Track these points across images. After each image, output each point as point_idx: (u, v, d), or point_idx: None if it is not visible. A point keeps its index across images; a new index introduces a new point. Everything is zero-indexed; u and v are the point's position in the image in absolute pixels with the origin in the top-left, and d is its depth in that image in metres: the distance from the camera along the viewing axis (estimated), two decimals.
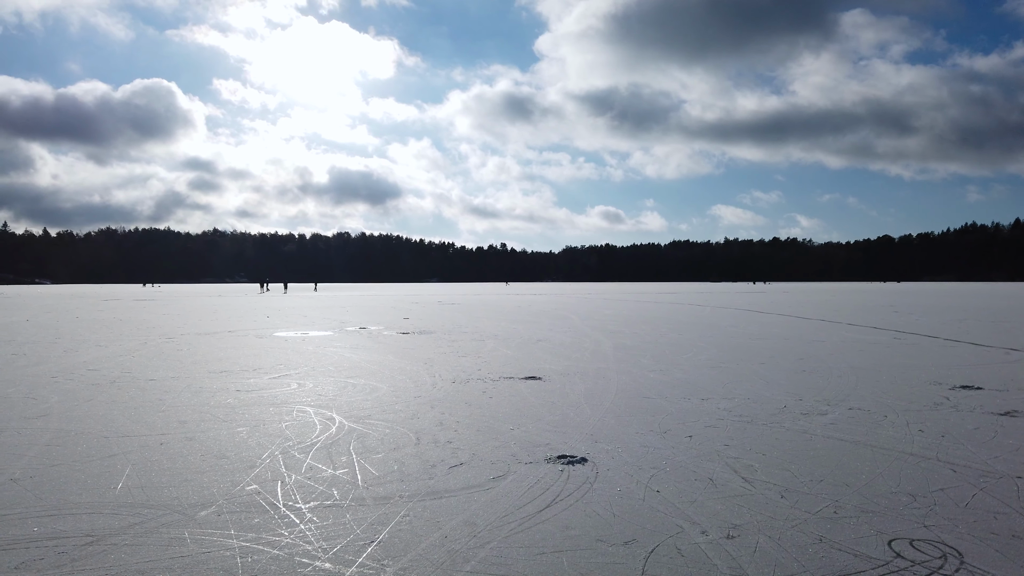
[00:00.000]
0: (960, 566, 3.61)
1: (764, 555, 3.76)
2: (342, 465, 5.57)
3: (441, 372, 11.08)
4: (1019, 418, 7.31)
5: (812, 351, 14.08)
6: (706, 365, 11.94)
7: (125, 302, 46.65)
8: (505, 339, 17.10)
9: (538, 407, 8.09)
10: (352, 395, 8.92)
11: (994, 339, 16.47)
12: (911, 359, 12.63)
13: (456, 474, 5.33)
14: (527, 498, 4.72)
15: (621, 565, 3.63)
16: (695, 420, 7.33)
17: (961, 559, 3.70)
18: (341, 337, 17.81)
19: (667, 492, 4.87)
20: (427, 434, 6.69)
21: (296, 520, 4.30)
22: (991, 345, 15.03)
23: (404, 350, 14.50)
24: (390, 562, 3.66)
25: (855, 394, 8.89)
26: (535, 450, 6.06)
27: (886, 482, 5.08)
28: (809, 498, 4.72)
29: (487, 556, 3.73)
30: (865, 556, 3.74)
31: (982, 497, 4.72)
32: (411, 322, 23.88)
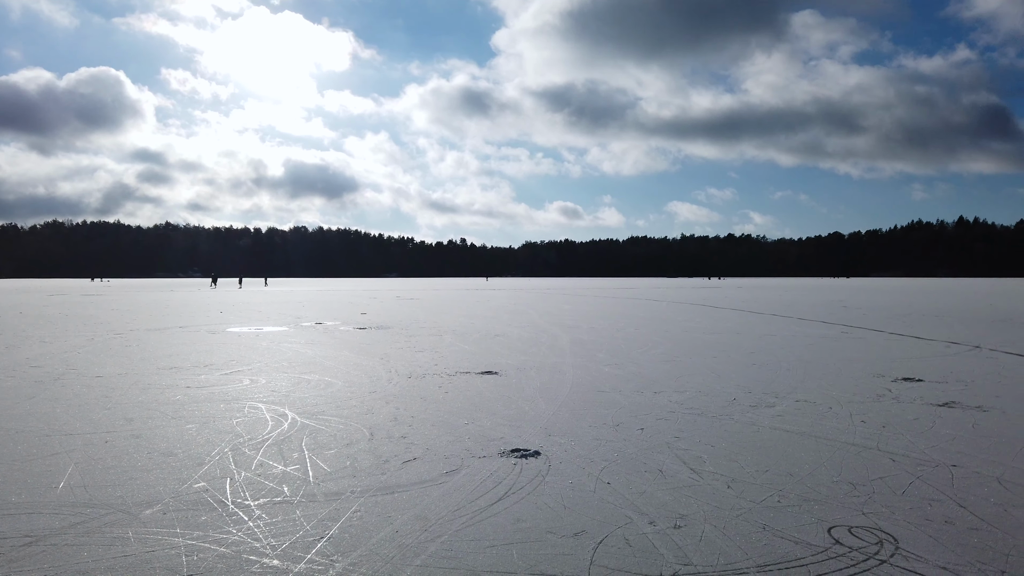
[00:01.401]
0: (895, 551, 3.75)
1: (709, 544, 3.84)
2: (293, 461, 5.51)
3: (397, 367, 11.03)
4: (956, 409, 7.59)
5: (763, 345, 14.39)
6: (660, 359, 12.11)
7: (72, 297, 45.29)
8: (463, 334, 17.09)
9: (493, 402, 8.12)
10: (306, 391, 8.83)
11: (936, 333, 17.04)
12: (857, 352, 13.00)
13: (409, 469, 5.32)
14: (479, 492, 4.75)
15: (570, 556, 3.68)
16: (647, 413, 7.44)
17: (896, 544, 3.84)
18: (296, 333, 17.59)
19: (617, 484, 4.94)
20: (381, 429, 6.67)
21: (245, 517, 4.25)
22: (933, 339, 15.55)
23: (360, 346, 14.39)
24: (339, 557, 3.65)
25: (802, 387, 9.12)
26: (489, 444, 6.09)
27: (828, 472, 5.23)
28: (754, 488, 4.84)
29: (437, 550, 3.75)
30: (806, 543, 3.86)
31: (918, 485, 4.89)
32: (368, 317, 23.70)
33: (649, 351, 13.39)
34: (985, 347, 13.73)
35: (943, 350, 13.31)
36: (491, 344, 14.64)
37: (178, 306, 32.42)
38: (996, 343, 14.50)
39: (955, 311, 26.74)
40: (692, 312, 26.92)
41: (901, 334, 16.80)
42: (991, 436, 6.32)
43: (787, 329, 18.45)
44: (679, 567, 3.54)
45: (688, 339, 15.85)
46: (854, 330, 18.07)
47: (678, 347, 14.09)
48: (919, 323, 20.47)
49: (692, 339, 15.84)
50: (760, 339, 15.73)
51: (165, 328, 19.15)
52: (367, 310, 28.46)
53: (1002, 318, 22.48)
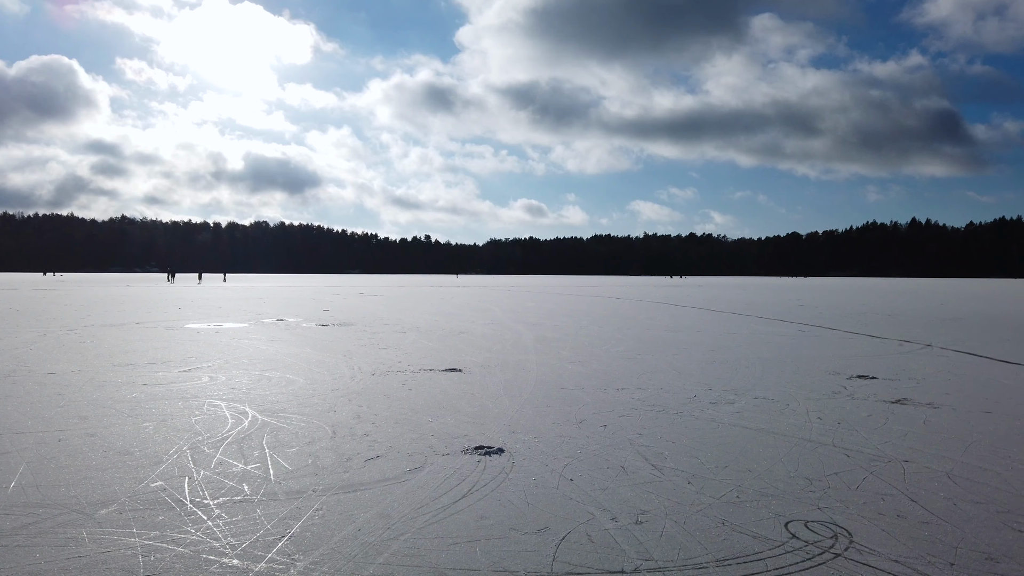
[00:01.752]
0: (849, 545, 3.85)
1: (670, 539, 3.90)
2: (254, 460, 5.44)
3: (360, 365, 10.95)
4: (908, 406, 7.81)
5: (723, 343, 14.62)
6: (623, 357, 12.23)
7: (23, 291, 43.95)
8: (427, 331, 17.02)
9: (457, 399, 8.11)
10: (267, 388, 8.72)
11: (889, 331, 17.50)
12: (813, 350, 13.29)
13: (372, 467, 5.29)
14: (443, 489, 4.74)
15: (533, 553, 3.70)
16: (610, 410, 7.51)
17: (851, 538, 3.94)
18: (257, 329, 17.34)
19: (580, 480, 4.98)
20: (344, 427, 6.62)
21: (203, 517, 4.18)
22: (887, 337, 15.97)
23: (323, 342, 14.24)
24: (301, 556, 3.61)
25: (761, 384, 9.30)
26: (453, 442, 6.09)
27: (785, 467, 5.35)
28: (714, 484, 4.93)
29: (400, 548, 3.74)
30: (763, 538, 3.94)
31: (872, 480, 5.03)
32: (331, 314, 23.47)
33: (612, 349, 13.50)
34: (936, 345, 14.14)
35: (896, 348, 13.68)
36: (455, 341, 14.62)
37: (134, 301, 31.70)
38: (947, 341, 14.95)
39: (907, 310, 27.48)
40: (654, 310, 27.22)
41: (856, 332, 17.21)
42: (941, 432, 6.52)
43: (746, 327, 18.77)
44: (640, 562, 3.59)
45: (650, 337, 16.02)
46: (811, 328, 18.46)
47: (640, 345, 14.24)
48: (873, 322, 20.99)
49: (654, 337, 16.02)
50: (720, 337, 15.97)
51: (121, 324, 18.72)
52: (330, 306, 28.18)
53: (952, 317, 23.17)
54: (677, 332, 17.32)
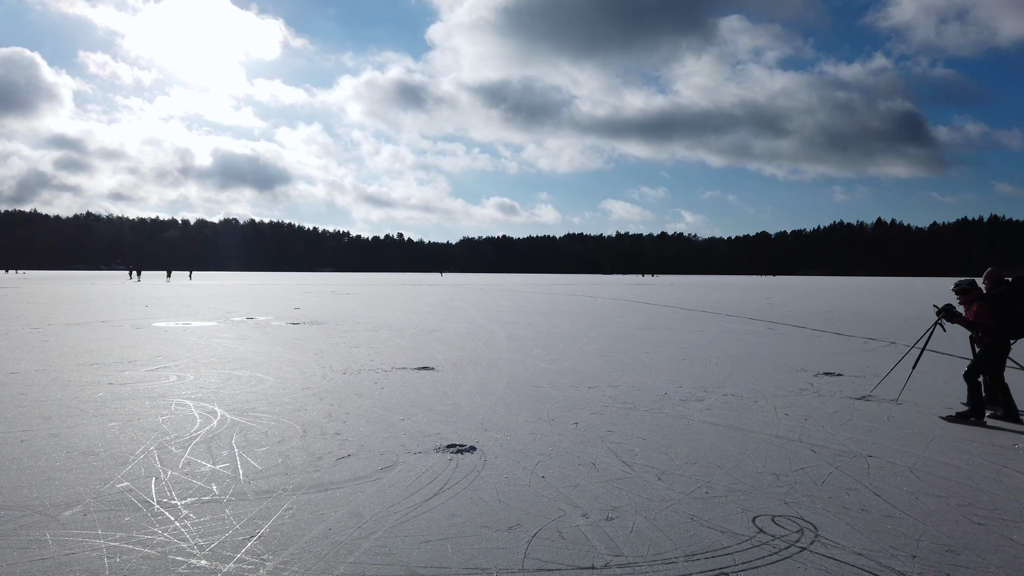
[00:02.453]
0: (815, 539, 3.92)
1: (640, 535, 3.94)
2: (223, 459, 5.38)
3: (332, 363, 10.87)
4: (873, 402, 7.97)
5: (693, 341, 14.77)
6: (595, 355, 12.29)
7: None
8: (399, 330, 16.95)
9: (430, 397, 8.10)
10: (236, 387, 8.62)
11: (855, 330, 17.82)
12: (781, 348, 13.48)
13: (343, 466, 5.27)
14: (414, 488, 4.74)
15: (504, 550, 3.71)
16: (582, 407, 7.55)
17: (816, 532, 4.01)
18: (226, 327, 17.12)
19: (552, 477, 5.01)
20: (314, 426, 6.57)
21: (171, 517, 4.13)
22: (852, 335, 16.26)
23: (293, 341, 14.11)
24: (270, 556, 3.59)
25: (730, 381, 9.41)
26: (425, 440, 6.08)
27: (753, 463, 5.42)
28: (684, 480, 4.98)
29: (371, 547, 3.73)
30: (731, 533, 3.99)
31: (837, 475, 5.12)
32: (302, 312, 23.26)
33: (584, 347, 13.57)
34: (900, 343, 14.43)
35: (861, 346, 13.93)
36: (428, 340, 14.58)
37: (100, 300, 31.10)
38: (910, 339, 15.25)
39: (873, 309, 28.00)
40: (626, 309, 27.40)
41: (823, 331, 17.50)
42: (904, 427, 6.67)
43: (716, 326, 18.98)
44: (611, 558, 3.62)
45: (622, 335, 16.13)
46: (779, 327, 18.73)
47: (612, 343, 14.33)
48: (839, 320, 21.35)
49: (626, 335, 16.13)
50: (691, 335, 16.13)
51: (86, 322, 18.36)
52: (301, 305, 27.92)
53: (915, 315, 23.65)
54: (649, 330, 17.46)
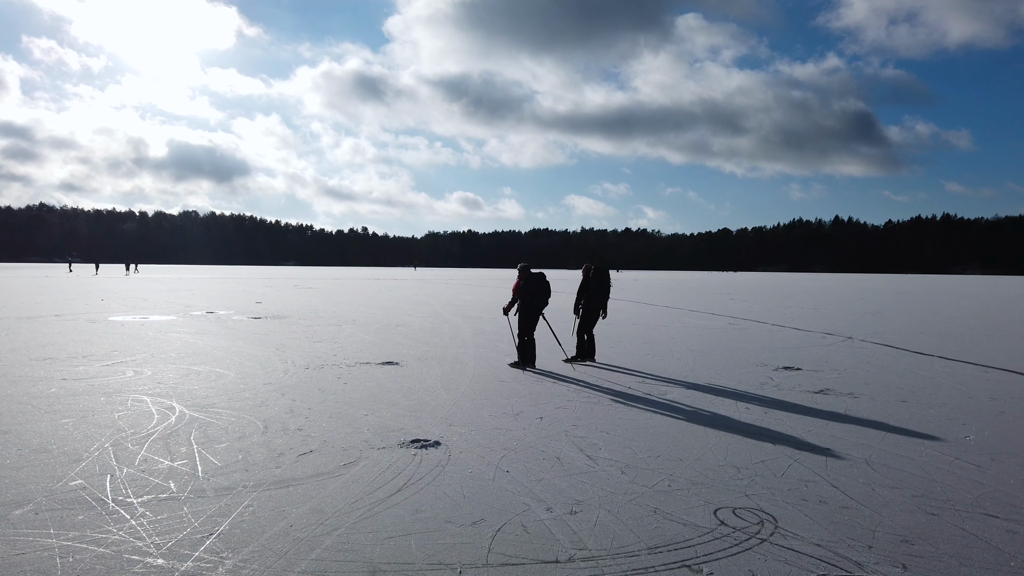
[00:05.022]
0: (775, 530, 3.98)
1: (603, 528, 3.96)
2: (181, 456, 5.27)
3: (294, 358, 10.73)
4: (831, 395, 8.13)
5: (657, 335, 14.91)
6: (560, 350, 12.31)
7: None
8: (364, 324, 16.81)
9: (394, 392, 8.04)
10: (195, 383, 8.46)
11: (814, 325, 18.17)
12: (742, 343, 13.68)
13: (305, 462, 5.20)
14: (378, 483, 4.69)
15: (468, 545, 3.70)
16: (547, 402, 7.57)
17: (776, 524, 4.08)
18: (185, 322, 16.79)
19: (516, 472, 5.01)
20: (276, 422, 6.47)
21: (126, 516, 4.03)
22: (811, 330, 16.58)
23: (255, 335, 13.89)
24: (230, 554, 3.52)
25: (692, 375, 9.52)
26: (389, 435, 6.03)
27: (715, 456, 5.49)
28: (647, 473, 5.02)
29: (333, 543, 3.68)
30: (693, 525, 4.04)
31: (796, 467, 5.21)
32: (264, 306, 22.92)
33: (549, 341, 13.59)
34: (856, 338, 14.75)
35: (820, 341, 14.21)
36: (392, 334, 14.48)
37: (54, 293, 30.25)
38: (866, 334, 15.61)
39: (831, 305, 28.58)
40: None
41: (782, 326, 17.80)
42: (861, 420, 6.81)
43: (679, 320, 19.19)
44: (574, 552, 3.63)
45: None
46: (740, 321, 19.01)
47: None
48: (799, 315, 21.75)
49: None
50: (654, 330, 16.28)
51: (38, 316, 17.84)
52: (263, 299, 27.51)
53: (871, 311, 24.22)
54: (613, 325, 17.57)
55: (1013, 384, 9.05)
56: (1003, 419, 6.95)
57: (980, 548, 3.75)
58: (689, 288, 48.05)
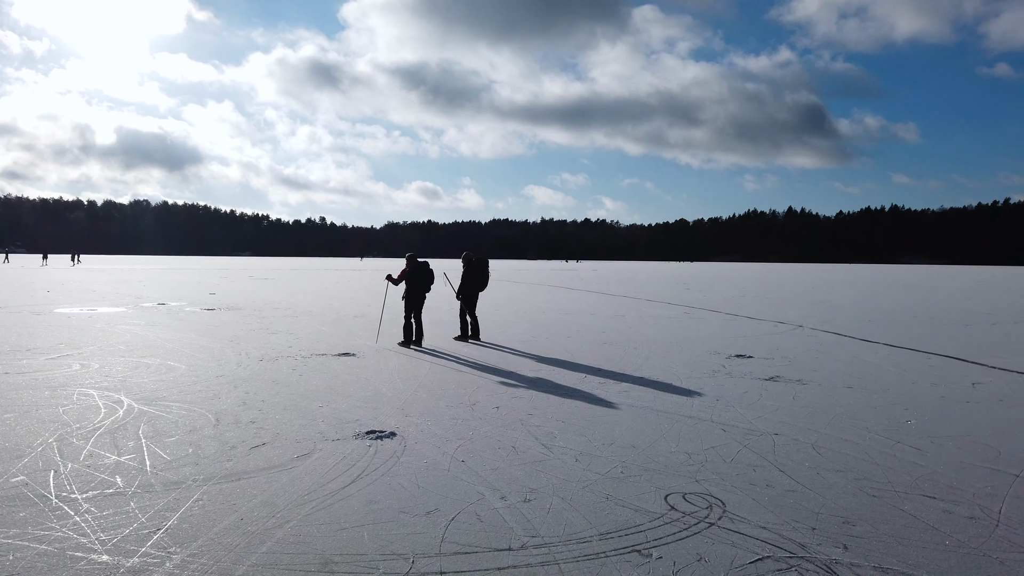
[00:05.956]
0: (723, 514, 4.07)
1: (556, 515, 4.00)
2: (129, 451, 5.16)
3: (248, 350, 10.57)
4: (780, 382, 8.32)
5: (613, 325, 15.07)
6: (517, 340, 12.38)
7: None
8: (320, 315, 16.63)
9: (350, 383, 7.98)
10: (145, 376, 8.27)
11: (766, 313, 18.56)
12: (697, 332, 13.91)
13: (257, 455, 5.14)
14: (332, 475, 4.67)
15: (422, 535, 3.71)
16: (503, 392, 7.60)
17: (724, 508, 4.17)
18: (136, 314, 16.39)
19: (472, 461, 5.02)
20: (228, 414, 6.38)
21: (70, 512, 3.93)
22: (763, 319, 16.93)
23: (208, 327, 13.64)
24: (178, 549, 3.47)
25: (647, 364, 9.65)
26: (344, 427, 5.99)
27: (667, 443, 5.59)
28: (600, 460, 5.09)
29: (285, 536, 3.65)
30: (644, 511, 4.11)
31: (745, 453, 5.33)
32: (218, 298, 22.49)
33: (507, 331, 13.65)
34: (807, 326, 15.12)
35: (771, 329, 14.53)
36: (350, 325, 14.36)
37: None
38: (816, 323, 16.01)
39: (783, 294, 29.21)
40: (550, 294, 27.69)
41: (736, 315, 18.14)
42: (809, 406, 7.00)
43: (636, 309, 19.41)
44: (527, 539, 3.66)
45: (544, 320, 16.30)
46: (695, 311, 19.31)
47: (535, 327, 14.46)
48: (751, 304, 22.19)
49: (548, 320, 16.31)
50: (611, 320, 16.45)
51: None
52: (216, 290, 27.00)
53: (821, 300, 24.83)
54: (571, 315, 17.69)
55: (954, 370, 9.38)
56: (943, 404, 7.21)
57: (918, 528, 3.89)
58: (647, 278, 48.59)
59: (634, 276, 53.01)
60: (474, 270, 12.53)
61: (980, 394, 7.71)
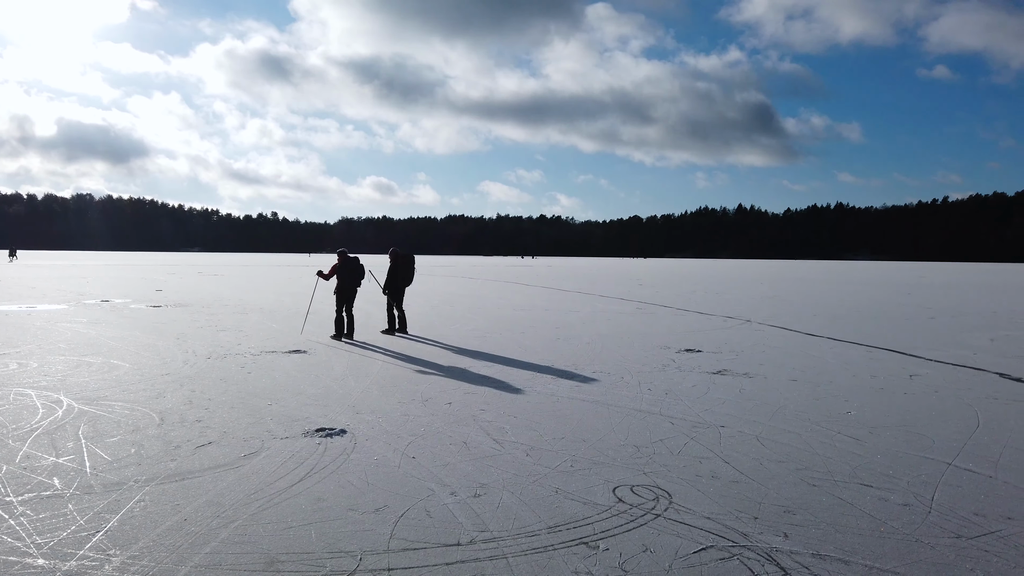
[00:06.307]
0: (669, 505, 4.15)
1: (506, 510, 4.03)
2: (67, 452, 5.01)
3: (195, 348, 10.35)
4: (728, 376, 8.50)
5: (567, 320, 15.18)
6: (471, 335, 12.38)
7: None
8: (271, 312, 16.36)
9: (300, 381, 7.88)
10: (86, 375, 8.04)
11: (716, 309, 18.92)
12: (648, 327, 14.11)
13: (203, 454, 5.04)
14: (279, 474, 4.61)
15: (370, 532, 3.69)
16: (456, 388, 7.60)
17: (670, 499, 4.25)
18: (78, 311, 15.89)
19: (422, 458, 5.02)
20: (173, 413, 6.24)
21: (4, 515, 3.81)
22: (713, 314, 17.25)
23: (154, 325, 13.30)
24: (118, 551, 3.39)
25: (599, 359, 9.76)
26: (293, 425, 5.92)
27: (616, 436, 5.66)
28: (550, 454, 5.13)
29: (230, 535, 3.60)
30: (592, 503, 4.16)
31: (692, 445, 5.44)
32: (165, 294, 21.94)
33: (461, 327, 13.64)
34: (754, 321, 15.45)
35: (720, 324, 14.82)
36: (301, 322, 14.16)
37: None
38: (764, 317, 16.38)
39: (732, 289, 29.80)
40: (505, 290, 27.73)
41: (687, 310, 18.45)
42: (754, 399, 7.17)
43: (589, 305, 19.58)
44: (476, 534, 3.68)
45: (499, 315, 16.32)
46: (647, 306, 19.57)
47: (489, 323, 14.48)
48: (702, 300, 22.59)
49: (503, 315, 16.34)
50: (565, 315, 16.56)
51: None
52: (164, 287, 26.33)
53: (769, 296, 25.41)
54: (525, 311, 17.76)
55: (893, 362, 9.71)
56: (882, 395, 7.46)
57: (854, 515, 4.02)
58: (601, 274, 49.04)
59: (588, 272, 53.47)
60: (399, 265, 12.86)
61: (917, 385, 7.99)
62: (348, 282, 12.09)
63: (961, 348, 11.25)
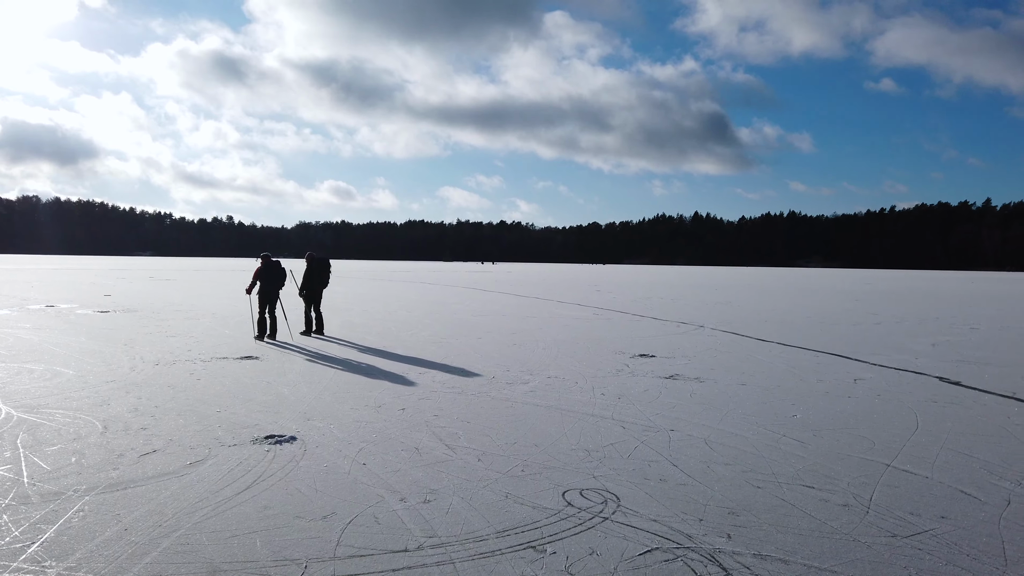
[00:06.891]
0: (617, 508, 4.20)
1: (455, 515, 4.03)
2: (4, 461, 4.86)
3: (143, 354, 10.11)
4: (679, 380, 8.63)
5: (523, 326, 15.23)
6: (428, 341, 12.34)
7: None
8: (224, 318, 16.07)
9: (251, 387, 7.76)
10: (27, 382, 7.79)
11: (670, 315, 19.19)
12: (604, 332, 14.24)
13: (147, 462, 4.93)
14: (225, 482, 4.54)
15: (317, 539, 3.66)
16: (410, 393, 7.57)
17: (619, 503, 4.31)
18: (20, 316, 15.38)
19: (373, 464, 4.99)
20: (117, 421, 6.09)
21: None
22: (667, 319, 17.49)
23: (100, 331, 12.95)
24: (53, 563, 3.30)
25: (554, 364, 9.82)
26: (241, 432, 5.83)
27: (568, 440, 5.71)
28: (502, 459, 5.15)
29: (172, 545, 3.53)
30: (542, 508, 4.19)
31: (642, 449, 5.51)
32: (113, 299, 21.38)
33: (419, 333, 13.58)
34: (707, 327, 15.72)
35: (674, 329, 15.03)
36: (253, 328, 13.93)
37: None
38: (716, 323, 16.67)
39: (687, 296, 30.26)
40: (463, 295, 27.70)
41: (642, 316, 18.67)
42: (704, 403, 7.29)
43: (546, 311, 19.68)
44: (424, 540, 3.68)
45: (457, 321, 16.30)
46: (604, 312, 19.76)
47: (446, 329, 14.45)
48: (658, 306, 22.89)
49: (461, 321, 16.32)
50: (522, 321, 16.62)
51: None
52: (112, 291, 25.65)
53: (723, 302, 25.86)
54: (483, 316, 17.77)
55: (838, 367, 9.97)
56: (827, 399, 7.66)
57: (796, 516, 4.13)
58: (559, 280, 49.31)
59: (547, 278, 53.70)
60: (315, 269, 13.41)
61: (860, 389, 8.23)
62: (268, 284, 12.52)
63: (904, 353, 11.61)
